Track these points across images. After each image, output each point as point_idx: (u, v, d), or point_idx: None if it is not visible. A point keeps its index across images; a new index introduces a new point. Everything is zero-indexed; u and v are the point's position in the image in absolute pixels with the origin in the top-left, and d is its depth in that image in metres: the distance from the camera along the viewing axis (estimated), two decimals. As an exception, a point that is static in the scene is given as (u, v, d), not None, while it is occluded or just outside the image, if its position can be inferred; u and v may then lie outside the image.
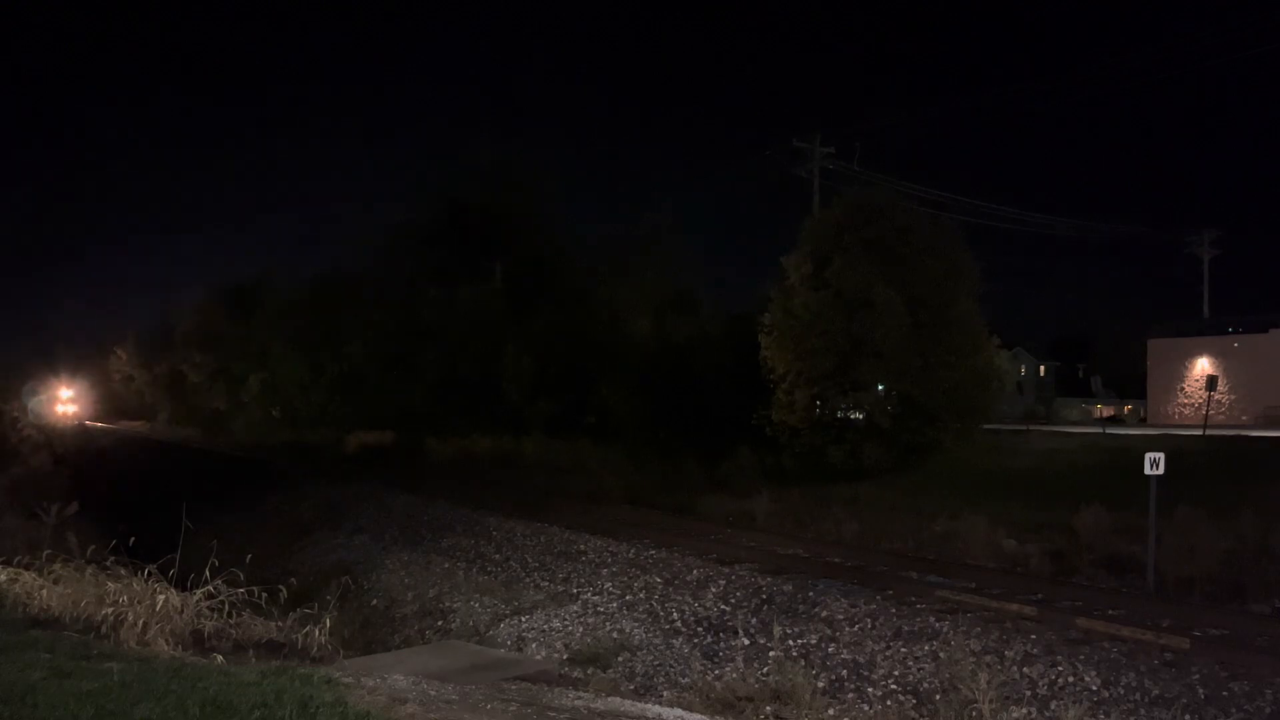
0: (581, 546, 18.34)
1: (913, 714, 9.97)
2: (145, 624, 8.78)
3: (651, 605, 14.29)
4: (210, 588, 9.82)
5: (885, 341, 26.05)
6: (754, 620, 13.11)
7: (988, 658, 10.79)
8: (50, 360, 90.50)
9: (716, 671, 11.54)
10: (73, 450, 51.82)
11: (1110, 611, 12.45)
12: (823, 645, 12.00)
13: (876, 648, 11.69)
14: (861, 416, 27.51)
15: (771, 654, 11.76)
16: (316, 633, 10.04)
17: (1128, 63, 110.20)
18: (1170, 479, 15.19)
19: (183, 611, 9.31)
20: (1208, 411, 38.93)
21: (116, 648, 7.97)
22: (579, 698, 8.78)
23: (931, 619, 12.31)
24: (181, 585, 9.99)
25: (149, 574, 9.95)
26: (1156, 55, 79.03)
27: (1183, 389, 44.73)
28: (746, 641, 12.41)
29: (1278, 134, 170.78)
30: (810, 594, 13.80)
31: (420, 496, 26.25)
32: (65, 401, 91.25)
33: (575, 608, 14.70)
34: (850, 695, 10.62)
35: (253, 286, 69.51)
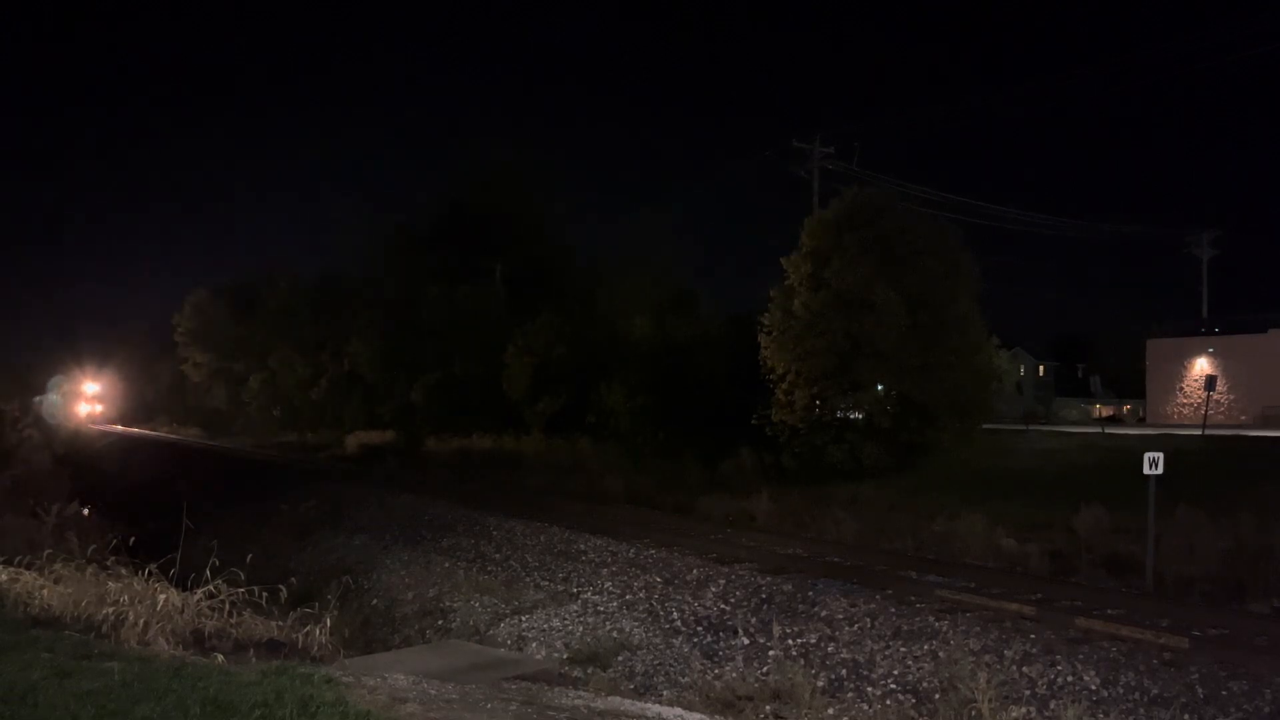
0: (581, 546, 18.36)
1: (912, 713, 9.97)
2: (146, 623, 8.82)
3: (651, 605, 14.31)
4: (211, 587, 9.86)
5: (884, 341, 26.06)
6: (754, 619, 13.13)
7: (987, 657, 10.81)
8: (74, 351, 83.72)
9: (716, 671, 11.57)
10: (73, 450, 51.80)
11: (1109, 611, 12.47)
12: (822, 644, 12.01)
13: (876, 647, 11.70)
14: (861, 416, 27.52)
15: (771, 653, 11.79)
16: (317, 632, 10.08)
17: (1127, 63, 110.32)
18: (1169, 479, 15.20)
19: (183, 611, 9.35)
20: (1206, 411, 38.91)
21: (117, 647, 7.98)
22: (579, 697, 8.79)
23: (931, 618, 12.32)
24: (182, 585, 10.04)
25: (150, 573, 10.01)
26: (1156, 55, 79.06)
27: (1182, 389, 44.71)
28: (746, 641, 12.43)
29: (1277, 134, 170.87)
30: (810, 593, 13.82)
31: (420, 496, 26.28)
32: (90, 399, 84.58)
33: (575, 607, 14.72)
34: (850, 694, 10.63)
35: (254, 286, 69.64)
